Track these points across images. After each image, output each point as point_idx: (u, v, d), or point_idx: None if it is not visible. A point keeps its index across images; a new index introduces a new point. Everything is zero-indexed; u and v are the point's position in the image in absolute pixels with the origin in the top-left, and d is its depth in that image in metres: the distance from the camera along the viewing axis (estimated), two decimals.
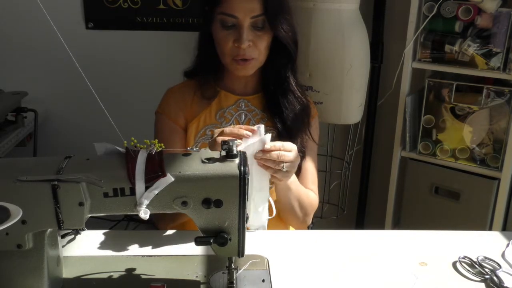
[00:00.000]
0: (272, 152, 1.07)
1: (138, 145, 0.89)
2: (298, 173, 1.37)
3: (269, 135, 1.09)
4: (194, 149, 0.95)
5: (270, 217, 1.15)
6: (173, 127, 1.36)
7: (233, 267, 0.98)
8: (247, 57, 1.27)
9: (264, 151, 1.07)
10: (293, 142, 1.30)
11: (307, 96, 1.43)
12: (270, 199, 1.14)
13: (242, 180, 0.88)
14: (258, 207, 1.10)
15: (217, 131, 1.10)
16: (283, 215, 1.35)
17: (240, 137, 1.06)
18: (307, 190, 1.36)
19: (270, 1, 1.24)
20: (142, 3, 2.27)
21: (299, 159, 1.15)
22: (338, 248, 1.16)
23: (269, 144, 1.07)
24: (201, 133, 1.34)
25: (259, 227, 1.13)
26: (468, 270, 1.06)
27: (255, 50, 1.27)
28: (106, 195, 0.87)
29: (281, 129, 1.34)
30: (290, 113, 1.34)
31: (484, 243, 1.18)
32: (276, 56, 1.32)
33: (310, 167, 1.40)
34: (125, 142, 0.90)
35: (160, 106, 1.40)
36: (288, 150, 1.10)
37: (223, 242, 0.92)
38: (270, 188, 1.25)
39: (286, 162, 1.09)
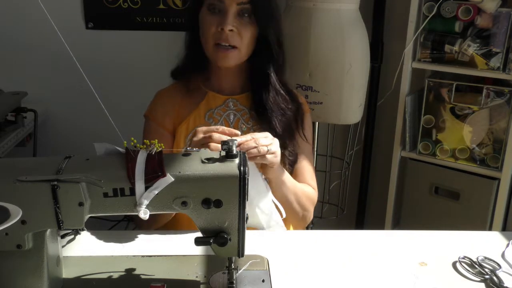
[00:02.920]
0: (249, 142, 1.08)
1: (138, 145, 0.89)
2: (294, 171, 1.38)
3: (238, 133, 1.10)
4: (194, 149, 0.95)
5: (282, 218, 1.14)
6: (159, 131, 1.37)
7: (233, 267, 0.98)
8: (230, 43, 1.28)
9: (239, 144, 1.06)
10: (281, 140, 1.31)
11: (297, 93, 1.44)
12: (275, 200, 1.13)
13: (242, 180, 0.88)
14: (265, 209, 1.10)
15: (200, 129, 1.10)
16: None
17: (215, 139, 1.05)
18: (303, 184, 1.36)
19: None
20: (142, 3, 2.27)
21: (278, 141, 1.14)
22: (338, 248, 1.16)
23: (240, 138, 1.08)
24: (191, 135, 1.33)
25: (276, 227, 1.11)
26: (468, 270, 1.06)
27: (238, 37, 1.29)
28: (106, 195, 0.87)
29: (268, 128, 1.33)
30: (274, 112, 1.34)
31: (484, 243, 1.18)
32: (260, 54, 1.34)
33: (305, 163, 1.40)
34: (125, 142, 0.90)
35: (148, 109, 1.41)
36: (261, 137, 1.10)
37: (223, 242, 0.92)
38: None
39: (266, 146, 1.09)
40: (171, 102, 1.39)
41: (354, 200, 2.49)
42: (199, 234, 0.93)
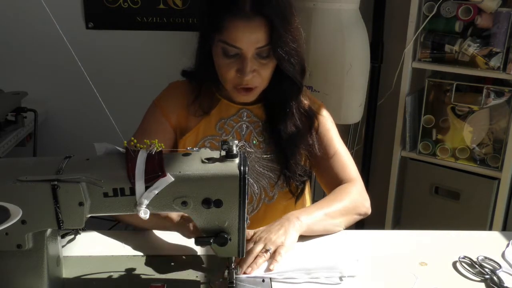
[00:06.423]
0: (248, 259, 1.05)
1: (138, 145, 0.89)
2: (329, 175, 1.32)
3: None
4: (194, 149, 0.95)
5: None
6: (161, 120, 1.29)
7: (233, 267, 0.98)
8: (250, 86, 1.19)
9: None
10: (293, 153, 1.28)
11: (315, 105, 1.35)
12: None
13: (242, 180, 0.88)
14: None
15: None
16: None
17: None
18: (335, 195, 1.27)
19: (276, 31, 1.14)
20: (142, 3, 2.27)
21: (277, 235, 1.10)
22: (338, 248, 1.15)
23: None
24: (200, 144, 1.29)
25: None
26: (468, 270, 1.06)
27: (259, 78, 1.19)
28: (106, 195, 0.87)
29: (280, 141, 1.28)
30: (288, 129, 1.28)
31: (484, 243, 1.18)
32: (280, 84, 1.25)
33: (338, 161, 1.34)
34: (125, 142, 0.90)
35: (158, 97, 1.33)
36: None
37: (223, 242, 0.92)
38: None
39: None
40: (183, 97, 1.30)
41: None
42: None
